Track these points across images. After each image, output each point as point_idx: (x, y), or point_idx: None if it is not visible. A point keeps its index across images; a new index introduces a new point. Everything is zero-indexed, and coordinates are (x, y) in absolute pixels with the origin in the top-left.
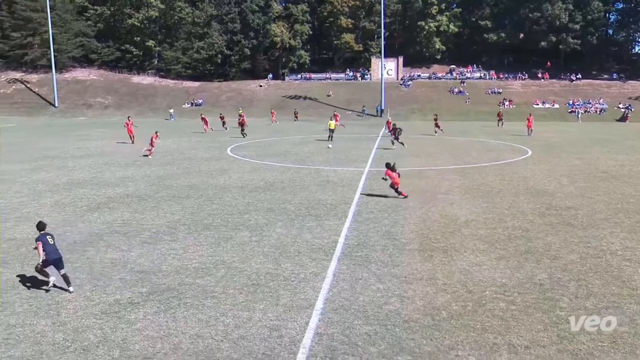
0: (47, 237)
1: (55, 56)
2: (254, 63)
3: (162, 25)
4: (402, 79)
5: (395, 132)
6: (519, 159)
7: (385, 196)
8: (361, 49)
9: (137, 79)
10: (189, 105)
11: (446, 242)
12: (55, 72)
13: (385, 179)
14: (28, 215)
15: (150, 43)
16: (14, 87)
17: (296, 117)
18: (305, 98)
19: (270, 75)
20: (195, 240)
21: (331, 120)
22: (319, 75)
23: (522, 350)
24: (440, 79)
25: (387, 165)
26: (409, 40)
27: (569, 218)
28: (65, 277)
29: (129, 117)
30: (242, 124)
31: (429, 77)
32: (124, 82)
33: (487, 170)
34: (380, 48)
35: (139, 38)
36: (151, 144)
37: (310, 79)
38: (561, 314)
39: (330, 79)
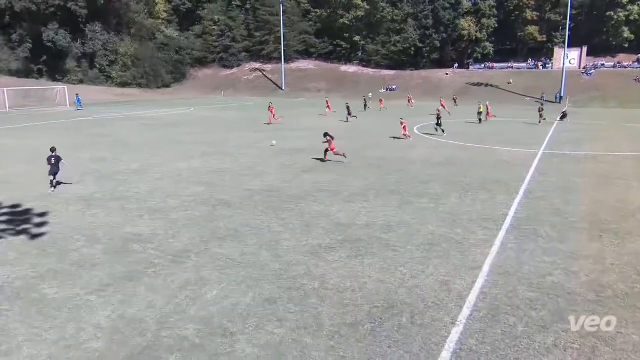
0: (52, 158)
1: (284, 50)
2: (442, 54)
3: (366, 23)
4: (584, 68)
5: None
6: None
7: (558, 178)
8: (545, 39)
9: (344, 68)
10: (385, 90)
11: (618, 225)
12: (284, 62)
13: (325, 142)
14: (259, 172)
15: (356, 38)
16: (254, 74)
17: (455, 102)
18: (486, 85)
19: (456, 65)
20: (383, 202)
21: (480, 103)
22: (501, 65)
23: None
24: (625, 67)
25: (325, 135)
26: (595, 30)
27: None
28: (55, 180)
29: (270, 102)
30: (348, 109)
31: (614, 66)
32: (334, 71)
33: None
34: (565, 38)
35: (347, 34)
36: (404, 131)
37: (492, 67)
38: None
39: (512, 67)
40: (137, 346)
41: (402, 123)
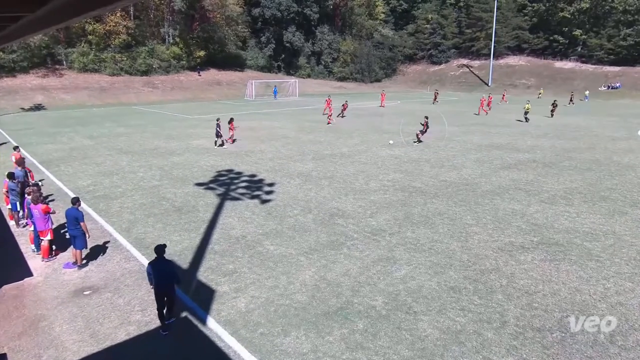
0: (217, 125)
1: (494, 47)
2: None
3: (591, 16)
4: None
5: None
6: None
7: None
8: None
9: (559, 64)
10: (605, 88)
11: None
12: (492, 59)
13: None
14: (456, 165)
15: (577, 32)
16: (461, 70)
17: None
18: None
19: None
20: (589, 208)
21: (528, 102)
22: None
23: None
24: None
25: (230, 120)
26: None
27: None
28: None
29: (330, 96)
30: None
31: None
32: (547, 66)
33: None
34: None
35: (566, 28)
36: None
37: None
38: None
39: None
40: (332, 306)
41: (486, 97)
